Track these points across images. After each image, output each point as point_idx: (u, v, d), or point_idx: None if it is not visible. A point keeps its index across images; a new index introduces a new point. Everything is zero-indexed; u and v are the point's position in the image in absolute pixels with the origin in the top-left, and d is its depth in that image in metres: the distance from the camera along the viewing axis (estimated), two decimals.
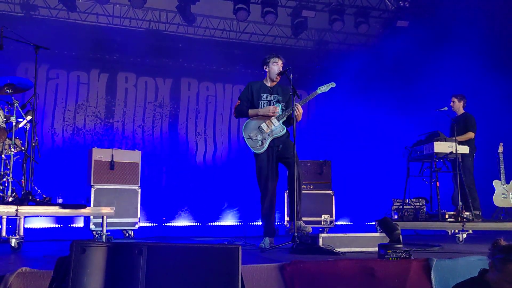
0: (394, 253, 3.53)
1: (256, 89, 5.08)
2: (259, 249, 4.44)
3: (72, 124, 8.26)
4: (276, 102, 5.02)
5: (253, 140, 4.90)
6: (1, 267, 2.68)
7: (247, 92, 5.10)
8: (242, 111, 5.04)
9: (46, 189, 5.21)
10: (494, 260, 2.48)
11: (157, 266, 2.23)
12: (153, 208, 8.53)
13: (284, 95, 5.07)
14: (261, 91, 5.06)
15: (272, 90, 5.09)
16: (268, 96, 5.05)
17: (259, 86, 5.11)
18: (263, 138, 4.88)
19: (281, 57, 5.04)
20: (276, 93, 5.08)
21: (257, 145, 4.89)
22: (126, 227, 6.23)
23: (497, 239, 2.57)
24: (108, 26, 8.87)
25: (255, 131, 4.92)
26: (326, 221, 7.14)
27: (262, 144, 4.87)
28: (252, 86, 5.12)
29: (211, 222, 9.01)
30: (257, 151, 4.90)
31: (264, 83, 5.13)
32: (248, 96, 5.08)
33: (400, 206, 6.46)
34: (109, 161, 6.26)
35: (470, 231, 5.49)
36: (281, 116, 4.93)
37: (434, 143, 5.99)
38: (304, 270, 3.14)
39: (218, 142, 9.42)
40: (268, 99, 5.04)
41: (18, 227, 4.28)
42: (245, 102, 5.06)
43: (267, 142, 4.88)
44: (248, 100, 5.06)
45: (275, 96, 5.06)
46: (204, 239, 6.20)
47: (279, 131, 4.92)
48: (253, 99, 5.05)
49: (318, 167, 7.41)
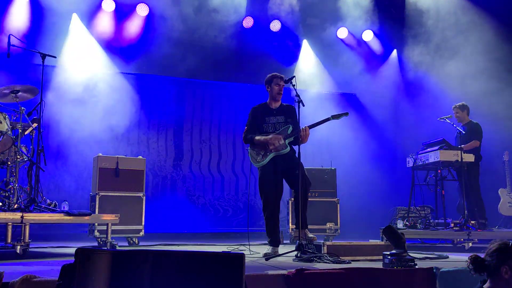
0: (399, 262, 3.52)
1: (260, 113, 5.07)
2: (263, 257, 4.43)
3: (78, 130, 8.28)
4: (282, 123, 5.00)
5: (255, 152, 4.93)
6: (6, 274, 2.69)
7: (252, 118, 5.10)
8: (249, 139, 5.01)
9: (51, 196, 5.24)
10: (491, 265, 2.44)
11: (162, 274, 2.23)
12: (157, 215, 8.54)
13: (290, 114, 5.03)
14: (265, 114, 5.05)
15: (277, 111, 5.07)
16: (273, 118, 5.03)
17: (263, 110, 5.09)
18: (264, 153, 4.90)
19: (283, 78, 5.04)
20: (281, 114, 5.05)
21: (257, 158, 4.91)
22: (130, 234, 6.23)
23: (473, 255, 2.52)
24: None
25: (260, 146, 4.93)
26: (331, 229, 7.12)
27: (263, 158, 4.89)
28: (256, 111, 5.11)
29: (216, 230, 8.99)
30: (257, 164, 4.92)
31: (268, 104, 5.12)
32: (254, 122, 5.07)
33: (405, 215, 6.44)
34: (114, 168, 6.28)
35: (475, 240, 5.46)
36: (288, 136, 4.92)
37: (439, 152, 5.98)
38: (308, 279, 3.14)
39: (222, 150, 9.42)
40: (273, 121, 5.02)
41: (23, 234, 4.30)
42: (251, 129, 5.05)
43: (269, 156, 4.87)
44: (255, 126, 5.05)
45: (281, 117, 5.03)
46: (209, 246, 6.19)
47: (282, 149, 4.90)
48: (258, 124, 5.04)
49: (323, 175, 7.40)
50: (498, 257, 2.38)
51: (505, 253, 2.38)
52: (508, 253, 2.38)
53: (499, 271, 2.37)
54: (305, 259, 4.12)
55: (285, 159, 4.90)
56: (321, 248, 4.28)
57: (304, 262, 4.05)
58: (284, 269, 3.35)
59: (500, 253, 2.39)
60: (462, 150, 6.02)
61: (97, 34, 8.32)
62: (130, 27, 8.56)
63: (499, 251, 2.39)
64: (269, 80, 5.10)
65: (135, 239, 6.27)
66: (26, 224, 4.32)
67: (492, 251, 2.42)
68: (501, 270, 2.36)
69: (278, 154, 4.89)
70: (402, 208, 6.87)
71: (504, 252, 2.38)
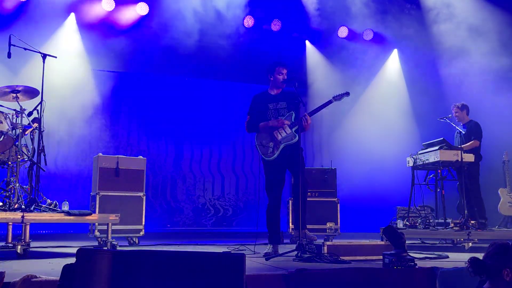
0: (399, 262, 3.52)
1: (261, 101, 5.09)
2: (264, 257, 4.44)
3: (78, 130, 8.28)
4: (284, 109, 5.00)
5: (264, 147, 4.92)
6: (7, 274, 2.69)
7: (254, 106, 5.12)
8: (253, 126, 5.03)
9: (52, 195, 5.24)
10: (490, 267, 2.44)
11: (162, 274, 2.24)
12: (158, 215, 8.55)
13: (291, 101, 5.00)
14: (267, 101, 5.06)
15: (278, 98, 5.08)
16: (275, 104, 5.04)
17: (264, 97, 5.11)
18: (274, 145, 4.89)
19: (286, 66, 5.06)
20: (282, 100, 5.05)
21: (268, 152, 4.90)
22: (131, 234, 6.24)
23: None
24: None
25: (267, 138, 4.93)
26: (331, 229, 7.11)
27: (273, 152, 4.88)
28: (257, 99, 5.13)
29: (217, 229, 9.00)
30: (268, 158, 4.90)
31: (269, 92, 5.14)
32: (256, 109, 5.08)
33: (405, 214, 6.44)
34: (114, 168, 6.28)
35: (476, 240, 5.46)
36: (293, 124, 4.91)
37: (439, 151, 5.98)
38: (308, 279, 3.14)
39: (223, 150, 9.42)
40: (276, 107, 5.03)
41: (24, 234, 4.30)
42: (254, 116, 5.06)
43: (279, 149, 4.87)
44: (257, 113, 5.06)
45: (282, 103, 5.04)
46: (209, 246, 6.19)
47: (291, 139, 4.88)
48: (261, 111, 5.05)
49: (323, 175, 7.40)
50: (499, 259, 2.38)
51: (505, 255, 2.38)
52: (509, 255, 2.38)
53: (500, 274, 2.37)
54: (305, 259, 4.13)
55: (291, 150, 4.86)
56: (321, 248, 4.28)
57: (304, 262, 4.06)
58: (284, 269, 3.35)
59: (501, 256, 2.39)
60: (462, 150, 6.02)
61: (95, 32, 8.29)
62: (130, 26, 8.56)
63: (499, 254, 2.39)
64: (271, 69, 5.09)
65: (135, 239, 6.27)
66: (26, 224, 4.33)
67: (493, 253, 2.42)
68: (502, 273, 2.36)
69: (288, 144, 4.87)
70: (402, 208, 6.86)
71: (505, 254, 2.38)
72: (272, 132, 4.91)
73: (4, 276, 2.64)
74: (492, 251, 2.42)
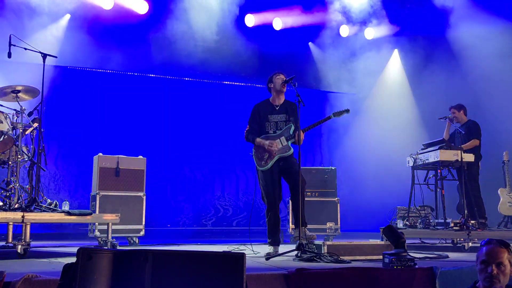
0: (398, 262, 3.52)
1: (262, 111, 5.08)
2: (264, 256, 4.44)
3: (78, 130, 8.29)
4: (284, 122, 5.01)
5: (259, 155, 4.95)
6: (8, 274, 2.70)
7: (254, 116, 5.11)
8: (251, 139, 5.04)
9: (52, 195, 5.25)
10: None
11: (162, 273, 2.24)
12: (158, 214, 8.54)
13: (292, 112, 5.01)
14: (267, 112, 5.06)
15: (279, 109, 5.06)
16: (275, 117, 5.03)
17: (265, 107, 5.09)
18: (269, 156, 4.91)
19: (283, 73, 5.06)
20: (284, 112, 5.04)
21: (261, 162, 4.93)
22: (131, 234, 6.24)
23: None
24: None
25: (262, 148, 4.94)
26: (331, 228, 7.12)
27: (267, 162, 4.90)
28: (258, 109, 5.11)
29: (217, 229, 9.00)
30: (261, 168, 4.94)
31: (271, 102, 5.12)
32: (256, 120, 5.08)
33: (405, 214, 6.44)
34: (114, 167, 6.29)
35: (475, 240, 5.46)
36: (291, 137, 4.93)
37: (439, 151, 5.98)
38: (308, 279, 3.14)
39: (223, 149, 9.42)
40: (275, 120, 5.02)
41: (24, 234, 4.30)
42: (253, 127, 5.07)
43: (273, 160, 4.89)
44: (257, 124, 5.06)
45: (283, 115, 5.03)
46: (209, 246, 6.20)
47: (286, 151, 4.92)
48: (260, 123, 5.05)
49: (323, 175, 7.40)
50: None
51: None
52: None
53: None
54: (305, 258, 4.13)
55: (285, 160, 4.93)
56: (321, 247, 4.29)
57: (304, 261, 4.06)
58: (284, 268, 3.35)
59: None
60: (462, 150, 6.03)
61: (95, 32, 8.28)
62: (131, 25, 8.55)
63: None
64: (270, 78, 5.12)
65: (135, 238, 6.28)
66: (27, 223, 4.33)
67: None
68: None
69: (282, 156, 4.91)
70: (402, 208, 6.86)
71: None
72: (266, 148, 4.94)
73: (4, 275, 2.64)
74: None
